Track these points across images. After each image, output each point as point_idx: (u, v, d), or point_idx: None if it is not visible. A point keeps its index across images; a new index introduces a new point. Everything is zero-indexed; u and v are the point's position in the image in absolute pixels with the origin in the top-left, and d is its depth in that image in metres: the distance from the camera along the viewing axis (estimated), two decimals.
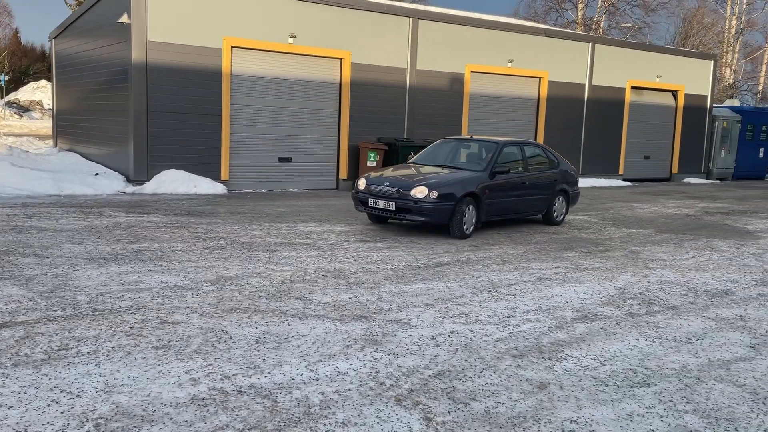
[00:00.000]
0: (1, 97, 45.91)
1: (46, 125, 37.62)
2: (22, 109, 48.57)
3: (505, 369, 4.80)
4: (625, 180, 22.14)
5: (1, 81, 42.79)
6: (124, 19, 13.64)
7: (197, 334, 5.18)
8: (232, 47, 14.62)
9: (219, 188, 14.29)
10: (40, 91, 50.83)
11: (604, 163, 21.54)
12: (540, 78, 19.82)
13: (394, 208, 9.96)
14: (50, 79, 27.61)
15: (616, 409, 4.22)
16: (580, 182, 16.96)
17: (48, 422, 3.68)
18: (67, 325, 5.26)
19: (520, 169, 11.27)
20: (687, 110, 23.72)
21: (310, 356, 4.83)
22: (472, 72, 18.31)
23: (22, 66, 59.40)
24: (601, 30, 42.24)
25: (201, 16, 14.19)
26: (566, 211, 12.21)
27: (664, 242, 10.50)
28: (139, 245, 8.39)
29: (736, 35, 44.77)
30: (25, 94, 51.22)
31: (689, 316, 6.39)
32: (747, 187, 22.27)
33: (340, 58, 16.12)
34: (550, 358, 5.06)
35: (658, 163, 23.52)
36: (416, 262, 8.23)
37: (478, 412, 4.08)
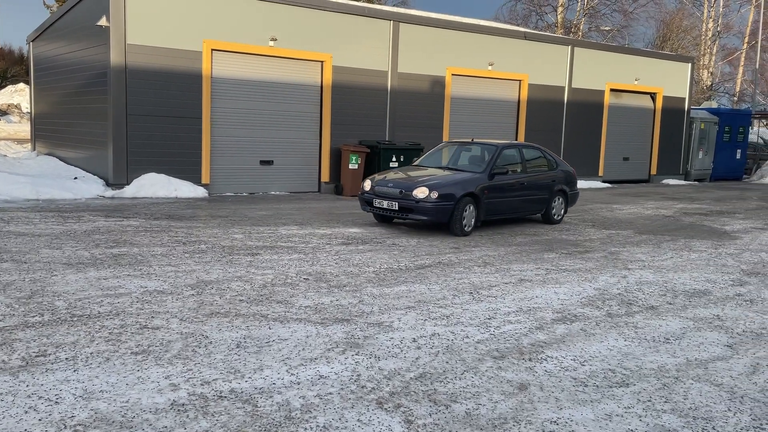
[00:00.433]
0: None
1: (25, 129, 37.17)
2: (0, 113, 47.99)
3: (486, 370, 4.82)
4: (604, 182, 22.33)
5: None
6: (103, 22, 13.53)
7: (177, 339, 5.15)
8: (213, 50, 14.56)
9: (200, 192, 14.21)
10: (18, 95, 50.22)
11: (584, 165, 21.70)
12: (520, 81, 19.94)
13: (397, 208, 10.50)
14: (28, 83, 27.29)
15: (595, 410, 4.26)
16: None
17: (26, 429, 3.64)
18: (45, 331, 5.21)
19: (519, 170, 11.72)
20: (665, 112, 23.98)
21: (292, 360, 4.82)
22: (453, 75, 18.38)
23: None
24: (581, 33, 42.58)
25: (181, 18, 14.12)
26: (565, 211, 12.66)
27: (643, 243, 10.61)
28: (119, 250, 8.33)
29: (713, 38, 45.35)
30: (3, 97, 50.59)
31: (667, 317, 6.46)
32: (724, 188, 22.56)
33: (321, 61, 16.11)
34: (530, 360, 5.09)
35: (637, 165, 23.74)
36: (398, 264, 8.25)
37: (459, 414, 4.10)
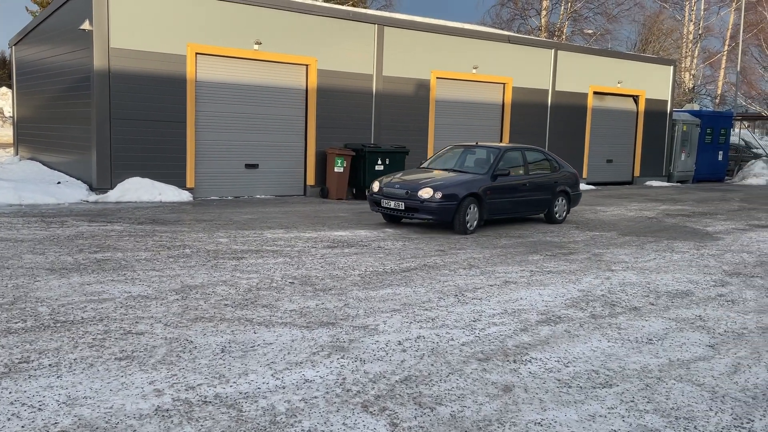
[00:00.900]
0: None
1: (7, 133, 36.83)
2: None
3: (471, 373, 4.85)
4: (588, 183, 22.47)
5: None
6: (86, 26, 13.46)
7: (161, 345, 5.13)
8: (197, 54, 14.52)
9: (184, 196, 14.16)
10: (1, 99, 49.77)
11: None
12: (504, 84, 20.04)
13: (403, 208, 11.04)
14: (11, 87, 27.06)
15: (579, 411, 4.29)
16: None
17: None
18: (28, 337, 5.17)
19: (521, 172, 12.22)
20: (648, 115, 24.19)
21: (277, 364, 4.82)
22: (438, 78, 18.45)
23: None
24: (564, 37, 42.86)
25: (164, 22, 14.07)
26: (568, 211, 13.13)
27: (626, 245, 10.70)
28: (102, 255, 8.28)
29: (695, 41, 45.81)
30: None
31: (650, 317, 6.52)
32: (707, 190, 22.79)
33: (306, 65, 16.11)
34: (515, 361, 5.12)
35: (621, 167, 23.93)
36: (383, 267, 8.26)
37: (444, 416, 4.12)
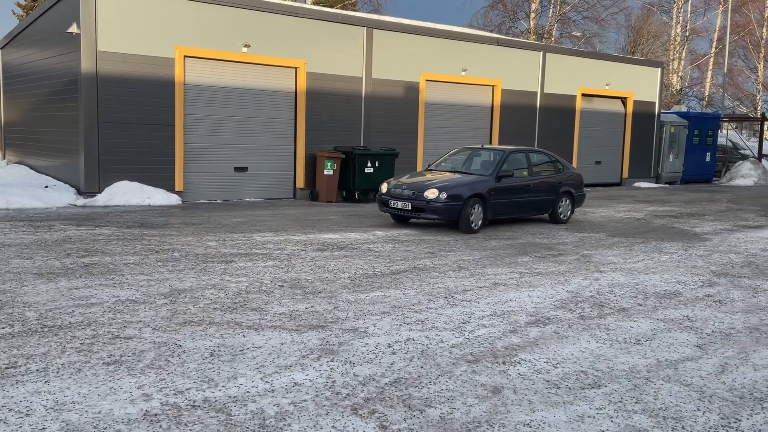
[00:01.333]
0: None
1: None
2: None
3: (461, 374, 4.85)
4: None
5: None
6: (74, 29, 13.40)
7: (150, 349, 5.11)
8: (185, 56, 14.48)
9: (173, 199, 14.10)
10: None
11: None
12: (493, 86, 20.10)
13: (410, 208, 11.40)
14: None
15: (567, 411, 4.31)
16: None
17: None
18: (16, 342, 5.14)
19: (525, 173, 12.61)
20: (636, 116, 24.33)
21: (266, 368, 4.81)
22: (427, 81, 18.48)
23: None
24: (553, 39, 43.05)
25: (152, 25, 14.03)
26: (572, 212, 13.51)
27: (614, 246, 10.75)
28: (90, 259, 8.24)
29: (682, 43, 46.13)
30: None
31: (639, 318, 6.56)
32: (695, 191, 22.94)
33: (296, 67, 16.10)
34: (504, 363, 5.13)
35: (609, 168, 24.04)
36: (373, 270, 8.26)
37: (434, 418, 4.12)
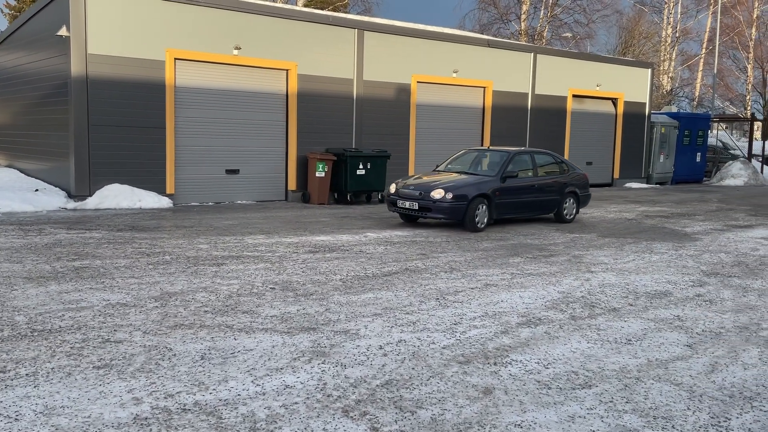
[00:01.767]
0: None
1: None
2: None
3: (452, 376, 4.86)
4: None
5: None
6: (63, 32, 13.34)
7: (140, 352, 5.09)
8: (176, 59, 14.45)
9: (164, 202, 14.06)
10: None
11: None
12: (484, 87, 20.15)
13: (417, 208, 11.75)
14: None
15: (558, 412, 4.32)
16: None
17: None
18: (5, 346, 5.11)
19: (530, 174, 12.90)
20: (627, 117, 24.43)
21: (257, 370, 4.80)
22: (419, 82, 18.50)
23: None
24: (544, 41, 43.18)
25: (143, 28, 13.99)
26: (577, 211, 13.75)
27: (605, 246, 10.78)
28: (81, 262, 8.20)
29: (672, 44, 46.35)
30: None
31: (629, 318, 6.58)
32: (685, 191, 23.04)
33: (287, 70, 16.09)
34: (495, 364, 5.14)
35: (600, 169, 24.12)
36: (365, 272, 8.26)
37: (425, 419, 4.12)
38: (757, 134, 34.05)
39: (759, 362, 5.40)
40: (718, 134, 31.59)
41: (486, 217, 11.87)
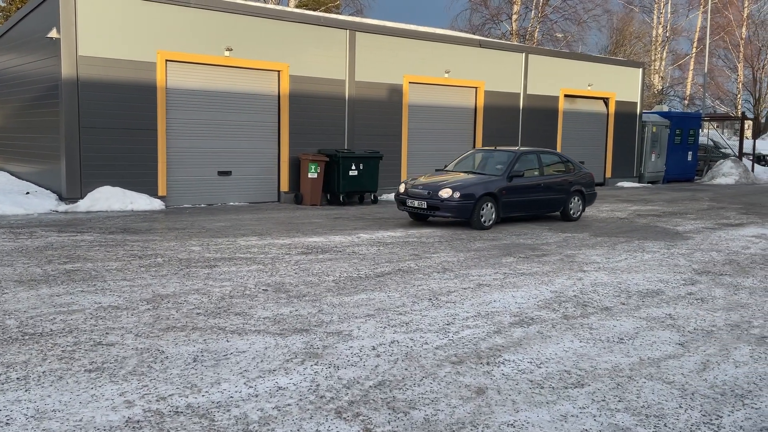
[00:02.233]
0: None
1: None
2: None
3: (445, 376, 4.86)
4: None
5: None
6: (53, 34, 13.29)
7: (132, 355, 5.07)
8: (167, 61, 14.41)
9: (156, 204, 14.02)
10: None
11: None
12: (476, 88, 20.17)
13: (426, 207, 12.06)
14: None
15: (551, 411, 4.32)
16: None
17: None
18: None
19: (537, 173, 13.19)
20: (618, 117, 24.51)
21: (250, 372, 4.79)
22: (411, 83, 18.51)
23: None
24: (535, 41, 43.28)
25: (134, 29, 13.94)
26: (583, 209, 13.97)
27: (598, 245, 10.81)
28: (72, 265, 8.16)
29: (663, 43, 46.54)
30: None
31: (621, 317, 6.60)
32: (677, 190, 23.13)
33: (278, 71, 16.07)
34: (488, 363, 5.14)
35: (592, 169, 23.94)
36: (358, 273, 8.26)
37: (418, 420, 4.12)
38: (748, 133, 34.18)
39: (750, 360, 5.42)
40: (709, 133, 31.71)
41: (493, 216, 12.16)
